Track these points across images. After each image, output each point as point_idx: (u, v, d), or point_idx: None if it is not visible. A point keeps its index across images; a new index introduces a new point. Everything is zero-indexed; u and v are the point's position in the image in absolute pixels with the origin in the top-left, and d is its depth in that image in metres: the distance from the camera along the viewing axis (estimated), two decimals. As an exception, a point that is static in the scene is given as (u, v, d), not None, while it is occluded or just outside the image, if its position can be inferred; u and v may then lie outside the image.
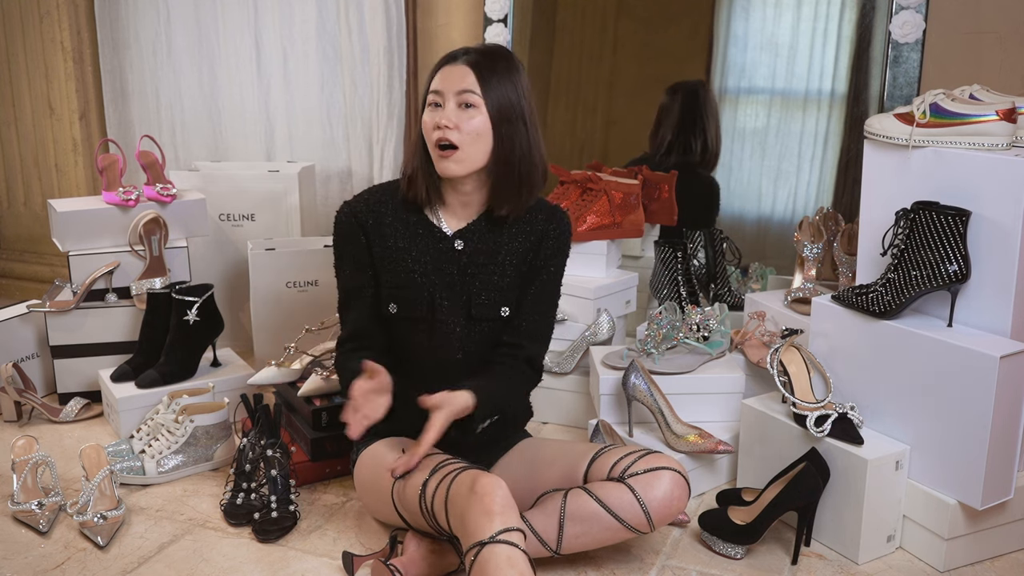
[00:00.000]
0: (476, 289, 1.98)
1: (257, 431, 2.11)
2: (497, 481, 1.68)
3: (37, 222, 3.70)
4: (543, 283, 2.03)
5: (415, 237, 1.98)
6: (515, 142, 1.91)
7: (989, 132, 1.90)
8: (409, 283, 1.97)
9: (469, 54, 1.90)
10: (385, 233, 1.98)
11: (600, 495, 1.83)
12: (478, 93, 1.87)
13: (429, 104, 1.92)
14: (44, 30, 3.45)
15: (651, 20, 3.13)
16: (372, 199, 2.01)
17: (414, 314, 1.98)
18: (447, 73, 1.89)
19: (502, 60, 1.91)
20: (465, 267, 1.98)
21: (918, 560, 1.98)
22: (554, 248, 2.03)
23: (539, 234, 2.01)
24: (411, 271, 1.97)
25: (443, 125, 1.87)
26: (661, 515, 1.83)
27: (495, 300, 1.99)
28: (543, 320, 2.06)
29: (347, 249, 2.00)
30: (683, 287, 2.79)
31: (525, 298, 2.02)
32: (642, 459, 1.86)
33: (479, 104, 1.87)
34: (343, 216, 2.00)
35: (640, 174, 2.88)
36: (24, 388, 2.65)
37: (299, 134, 3.43)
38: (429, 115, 1.91)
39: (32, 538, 2.04)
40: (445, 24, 3.29)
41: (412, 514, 1.85)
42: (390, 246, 1.97)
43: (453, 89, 1.87)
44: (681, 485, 1.84)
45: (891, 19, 2.64)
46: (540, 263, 2.02)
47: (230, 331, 2.99)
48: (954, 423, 1.88)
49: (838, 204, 2.90)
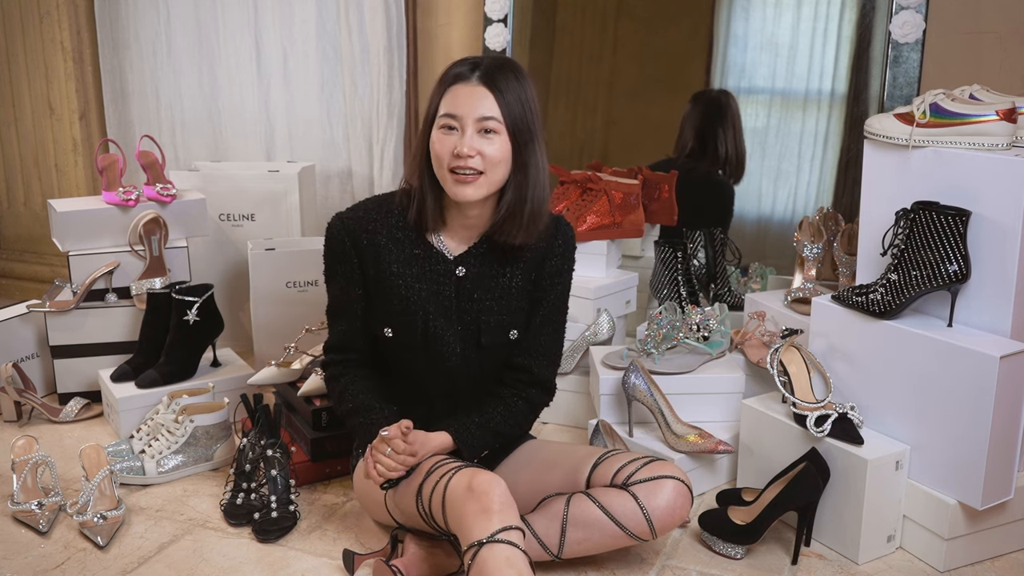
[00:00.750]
0: (483, 315, 1.92)
1: (257, 431, 2.11)
2: (495, 479, 1.67)
3: (37, 222, 3.70)
4: (552, 302, 1.98)
5: (411, 260, 1.91)
6: (532, 164, 1.83)
7: (989, 132, 1.90)
8: (403, 309, 1.90)
9: (479, 70, 1.79)
10: (379, 256, 1.90)
11: (603, 502, 1.82)
12: (499, 119, 1.77)
13: (441, 127, 1.80)
14: (44, 30, 3.45)
15: (651, 20, 3.13)
16: (367, 216, 1.91)
17: (409, 340, 1.92)
18: (462, 95, 1.78)
19: (514, 76, 1.80)
20: (470, 293, 1.92)
21: (918, 560, 1.98)
22: (559, 266, 1.97)
23: (543, 251, 1.95)
24: (405, 297, 1.90)
25: (465, 154, 1.76)
26: (663, 523, 1.82)
27: (503, 324, 1.94)
28: (553, 338, 2.01)
29: (338, 266, 1.94)
30: (683, 287, 2.79)
31: (535, 318, 1.97)
32: (645, 467, 1.85)
33: (500, 130, 1.78)
34: (335, 231, 1.92)
35: (640, 174, 2.89)
36: (24, 388, 2.65)
37: (299, 134, 3.43)
38: (442, 138, 1.79)
39: (32, 538, 2.04)
40: (445, 24, 3.29)
41: (410, 517, 1.84)
42: (383, 269, 1.90)
43: (473, 115, 1.76)
44: (684, 494, 1.84)
45: (891, 19, 2.64)
46: (547, 282, 1.96)
47: (230, 331, 2.99)
48: (954, 423, 1.88)
49: (838, 204, 2.90)
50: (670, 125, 3.08)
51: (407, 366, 1.97)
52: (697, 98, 3.06)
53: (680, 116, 3.06)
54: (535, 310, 1.97)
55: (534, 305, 1.97)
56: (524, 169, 1.82)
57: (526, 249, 1.93)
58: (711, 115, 3.04)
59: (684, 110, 3.05)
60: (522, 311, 1.96)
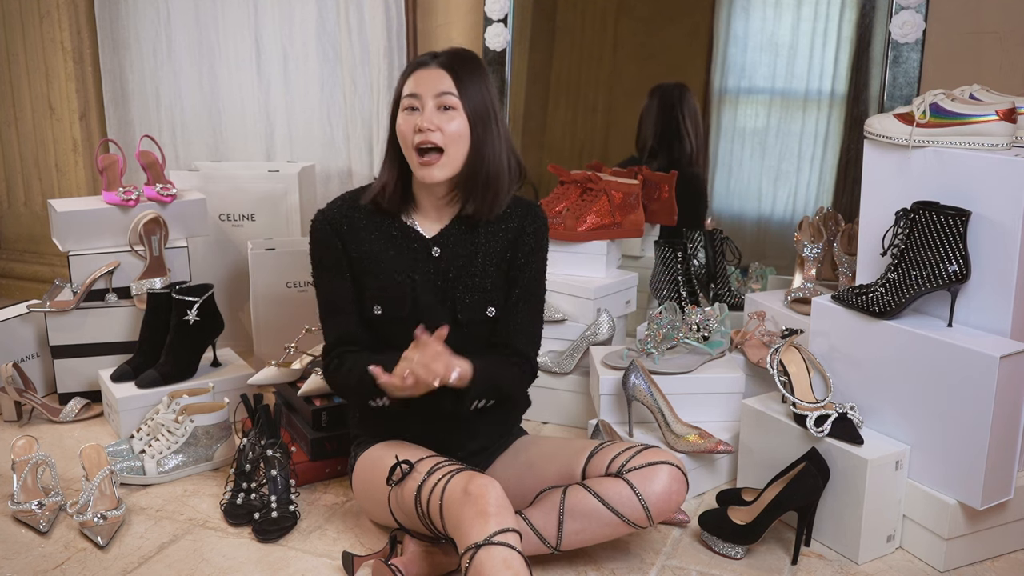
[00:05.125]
0: (460, 293, 1.97)
1: (257, 431, 2.11)
2: (491, 482, 1.68)
3: (37, 222, 3.70)
4: (527, 281, 2.02)
5: (391, 239, 1.98)
6: (489, 143, 1.92)
7: (989, 132, 1.90)
8: (390, 283, 1.96)
9: (439, 57, 1.91)
10: (360, 237, 1.97)
11: (599, 491, 1.83)
12: (455, 95, 1.88)
13: (404, 109, 1.91)
14: (44, 30, 3.45)
15: (651, 20, 3.13)
16: (345, 205, 2.00)
17: (399, 314, 1.96)
18: (422, 77, 1.89)
19: (471, 62, 1.93)
20: (445, 272, 1.97)
21: (918, 560, 1.98)
22: (532, 244, 2.02)
23: (515, 231, 2.01)
24: (391, 271, 1.96)
25: (425, 128, 1.87)
26: (660, 509, 1.83)
27: (479, 301, 1.98)
28: (532, 319, 2.04)
29: (324, 256, 1.99)
30: (683, 287, 2.79)
31: (510, 298, 2.01)
32: (639, 454, 1.86)
33: (457, 106, 1.88)
34: (317, 224, 2.00)
35: (640, 174, 2.89)
36: (24, 388, 2.65)
37: (299, 134, 3.43)
38: (405, 119, 1.91)
39: (32, 538, 2.05)
40: (445, 24, 3.29)
41: (409, 518, 1.85)
42: (366, 249, 1.97)
43: (431, 92, 1.88)
44: (679, 479, 1.84)
45: (891, 19, 2.64)
46: (521, 261, 2.01)
47: (230, 331, 2.99)
48: (954, 423, 1.88)
49: (838, 204, 2.90)
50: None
51: (396, 346, 1.95)
52: (653, 93, 3.07)
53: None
54: (511, 289, 2.01)
55: (510, 284, 2.01)
56: (481, 145, 1.91)
57: (499, 228, 2.00)
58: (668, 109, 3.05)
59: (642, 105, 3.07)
60: (498, 289, 2.00)
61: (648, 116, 3.09)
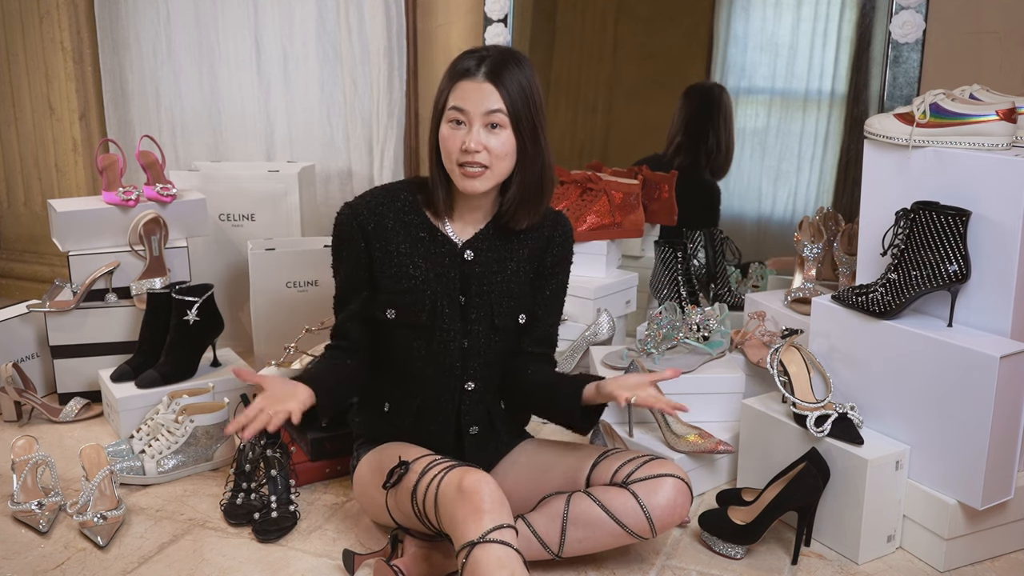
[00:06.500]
0: (496, 297, 1.96)
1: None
2: (484, 478, 1.67)
3: (37, 222, 3.70)
4: (554, 290, 2.05)
5: (418, 242, 1.94)
6: (536, 154, 1.89)
7: (989, 132, 1.90)
8: (410, 289, 1.93)
9: (486, 65, 1.83)
10: (387, 237, 1.93)
11: (604, 500, 1.83)
12: (504, 112, 1.82)
13: (449, 120, 1.85)
14: (44, 30, 3.45)
15: (651, 20, 3.13)
16: (374, 201, 1.96)
17: (413, 320, 1.94)
18: (469, 91, 1.82)
19: (519, 70, 1.84)
20: (479, 276, 1.95)
21: (918, 560, 1.98)
22: (559, 255, 2.04)
23: (545, 240, 2.01)
24: (412, 276, 1.93)
25: (472, 149, 1.82)
26: (664, 521, 1.83)
27: (514, 308, 1.98)
28: (555, 328, 2.09)
29: (345, 250, 1.97)
30: (683, 287, 2.80)
31: (540, 306, 2.03)
32: (645, 465, 1.86)
33: (506, 124, 1.83)
34: (344, 217, 1.96)
35: (640, 174, 2.89)
36: (24, 388, 2.65)
37: (299, 134, 3.43)
38: (451, 132, 1.85)
39: (32, 538, 2.04)
40: (445, 24, 3.29)
41: (408, 518, 1.84)
42: (391, 250, 1.93)
43: (479, 110, 1.81)
44: (683, 492, 1.84)
45: (891, 19, 2.64)
46: (548, 270, 2.02)
47: (230, 331, 2.99)
48: (954, 423, 1.88)
49: (838, 204, 2.90)
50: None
51: (405, 352, 1.97)
52: (690, 91, 3.06)
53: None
54: (539, 297, 2.03)
55: (537, 293, 2.03)
56: (527, 157, 1.88)
57: (529, 237, 1.99)
58: (704, 108, 3.04)
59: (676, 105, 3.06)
60: (527, 296, 2.01)
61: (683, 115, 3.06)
